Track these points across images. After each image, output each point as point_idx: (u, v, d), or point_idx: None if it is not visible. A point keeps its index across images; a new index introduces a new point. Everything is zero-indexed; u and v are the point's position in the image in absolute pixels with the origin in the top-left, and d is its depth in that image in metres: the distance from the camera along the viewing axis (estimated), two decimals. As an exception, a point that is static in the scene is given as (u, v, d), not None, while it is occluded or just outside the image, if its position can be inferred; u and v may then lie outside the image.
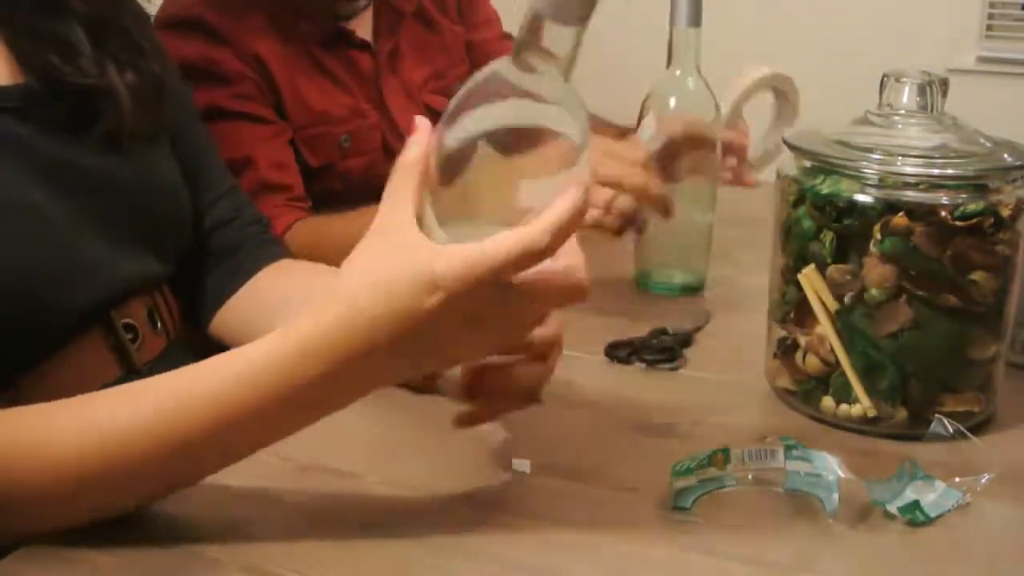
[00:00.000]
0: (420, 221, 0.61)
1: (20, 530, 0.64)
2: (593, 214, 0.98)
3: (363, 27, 1.29)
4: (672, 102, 1.07)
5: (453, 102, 0.62)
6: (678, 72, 1.08)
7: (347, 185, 1.26)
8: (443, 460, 0.74)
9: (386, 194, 0.63)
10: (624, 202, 1.01)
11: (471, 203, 0.62)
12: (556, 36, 0.60)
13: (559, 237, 0.58)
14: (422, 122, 0.63)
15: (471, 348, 0.64)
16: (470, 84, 0.62)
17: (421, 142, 0.62)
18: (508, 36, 1.48)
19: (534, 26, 0.60)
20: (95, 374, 0.80)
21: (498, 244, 0.58)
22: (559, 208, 0.58)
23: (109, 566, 0.63)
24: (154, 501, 0.66)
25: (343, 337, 0.60)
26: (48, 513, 0.64)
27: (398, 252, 0.60)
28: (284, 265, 0.98)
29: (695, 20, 1.06)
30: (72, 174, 0.79)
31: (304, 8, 1.23)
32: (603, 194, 0.99)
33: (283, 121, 1.22)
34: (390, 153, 1.29)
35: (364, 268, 0.62)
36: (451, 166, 0.61)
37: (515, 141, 0.61)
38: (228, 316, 0.94)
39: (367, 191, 1.26)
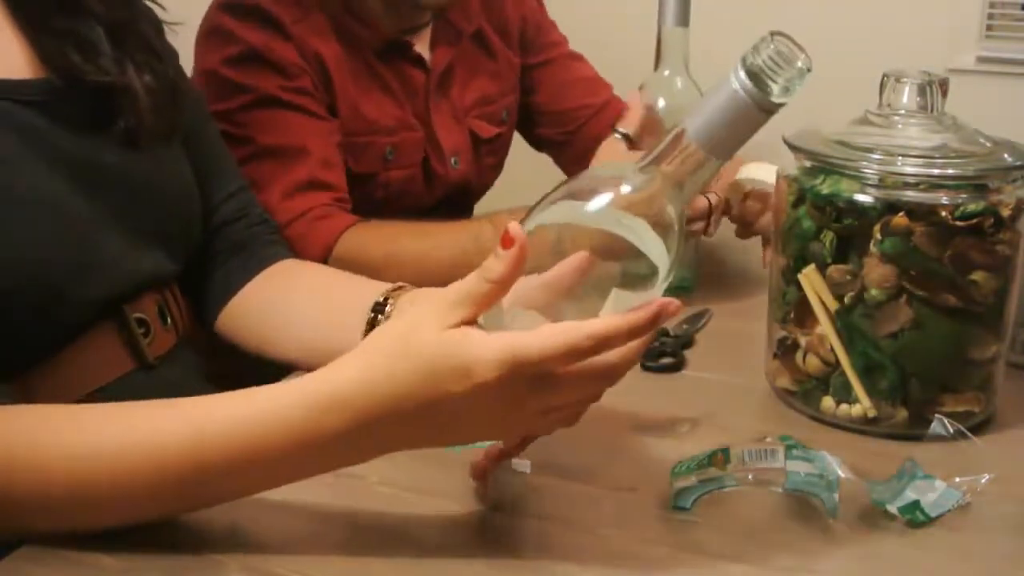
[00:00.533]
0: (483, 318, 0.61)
1: (18, 530, 0.64)
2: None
3: (421, 42, 1.28)
4: (660, 102, 1.07)
5: (563, 188, 0.61)
6: (666, 72, 1.08)
7: (387, 194, 1.26)
8: (443, 461, 0.74)
9: (456, 288, 0.61)
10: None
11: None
12: (694, 163, 0.59)
13: (603, 346, 0.58)
14: (517, 233, 0.58)
15: (496, 431, 0.65)
16: (588, 173, 0.62)
17: (512, 263, 0.59)
18: (575, 56, 1.46)
19: (676, 147, 0.59)
20: (108, 366, 0.81)
21: (540, 340, 0.58)
22: (615, 323, 0.58)
23: (110, 566, 0.63)
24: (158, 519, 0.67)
25: (364, 403, 0.60)
26: (41, 519, 0.64)
27: (440, 334, 0.60)
28: (288, 266, 0.98)
29: (683, 20, 1.06)
30: (91, 170, 0.80)
31: (365, 16, 1.22)
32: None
33: (335, 120, 1.21)
34: (428, 171, 1.28)
35: (401, 337, 0.61)
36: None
37: (602, 246, 0.61)
38: (233, 314, 0.95)
39: (403, 202, 1.25)
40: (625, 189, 0.61)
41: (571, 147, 1.42)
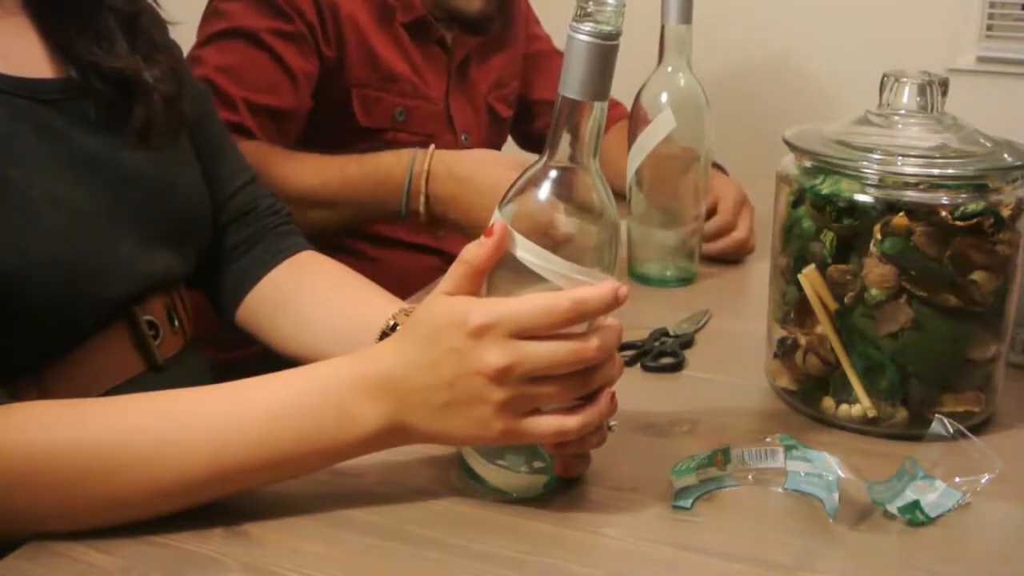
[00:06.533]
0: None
1: (21, 528, 0.65)
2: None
3: (446, 27, 1.33)
4: (663, 98, 1.08)
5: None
6: (669, 68, 1.08)
7: None
8: (444, 460, 0.74)
9: (446, 279, 0.67)
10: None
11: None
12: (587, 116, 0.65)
13: (580, 311, 0.63)
14: (500, 227, 0.65)
15: (488, 397, 0.64)
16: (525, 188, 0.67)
17: (494, 249, 0.65)
18: (559, 51, 1.51)
19: (565, 116, 0.65)
20: (119, 368, 0.82)
21: (526, 298, 0.64)
22: (590, 289, 0.64)
23: (110, 565, 0.63)
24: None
25: (384, 367, 0.66)
26: (49, 516, 0.64)
27: (434, 302, 0.66)
28: (305, 257, 0.98)
29: (686, 16, 1.07)
30: (107, 169, 0.81)
31: None
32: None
33: (303, 95, 1.22)
34: (438, 144, 1.30)
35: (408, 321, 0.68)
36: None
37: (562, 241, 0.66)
38: (252, 307, 0.95)
39: None
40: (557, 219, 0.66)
41: None
